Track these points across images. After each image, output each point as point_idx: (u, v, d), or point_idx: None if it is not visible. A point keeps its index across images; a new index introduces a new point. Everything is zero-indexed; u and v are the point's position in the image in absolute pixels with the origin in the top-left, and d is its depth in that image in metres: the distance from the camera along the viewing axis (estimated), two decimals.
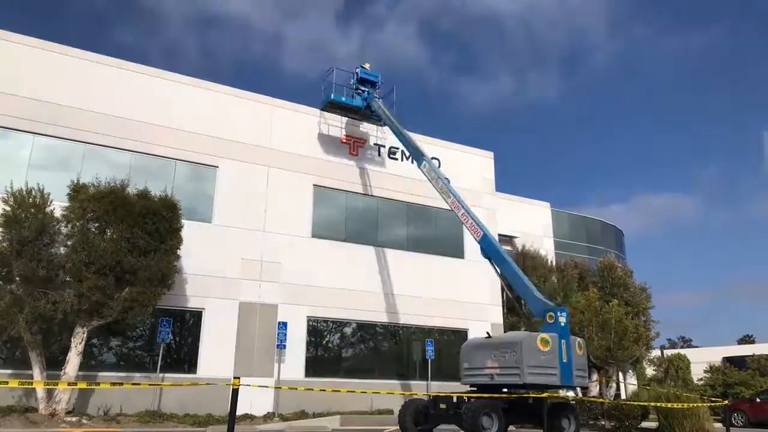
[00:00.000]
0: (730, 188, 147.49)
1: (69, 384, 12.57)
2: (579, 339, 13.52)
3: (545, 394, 12.21)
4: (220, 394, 15.54)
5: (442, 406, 13.23)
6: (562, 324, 12.73)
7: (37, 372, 13.65)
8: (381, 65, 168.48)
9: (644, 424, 19.03)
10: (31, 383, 13.09)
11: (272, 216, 19.30)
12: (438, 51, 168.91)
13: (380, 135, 22.38)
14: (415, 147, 18.29)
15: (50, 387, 13.45)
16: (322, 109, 20.79)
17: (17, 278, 13.32)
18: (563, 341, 12.52)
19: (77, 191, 14.22)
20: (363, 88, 20.45)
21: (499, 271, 14.99)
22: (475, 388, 13.50)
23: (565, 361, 12.37)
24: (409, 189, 22.37)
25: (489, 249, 15.17)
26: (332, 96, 20.34)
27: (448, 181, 17.48)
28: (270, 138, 20.04)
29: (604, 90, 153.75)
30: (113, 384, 13.33)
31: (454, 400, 13.09)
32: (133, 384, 15.10)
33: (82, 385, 11.48)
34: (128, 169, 17.01)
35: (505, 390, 12.91)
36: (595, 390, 22.68)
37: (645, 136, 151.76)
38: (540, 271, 26.00)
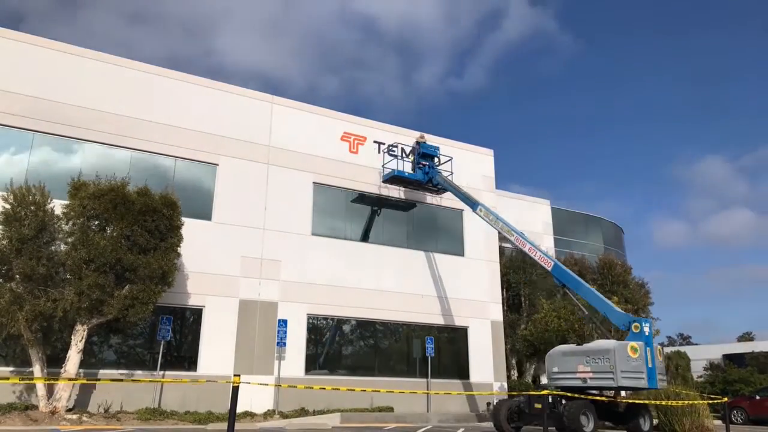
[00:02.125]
0: None
1: (69, 380, 12.58)
2: (659, 346, 14.59)
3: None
4: (221, 391, 15.60)
5: (538, 405, 14.04)
6: (647, 333, 14.10)
7: (37, 369, 13.67)
8: None
9: None
10: (32, 379, 13.12)
11: (272, 214, 19.30)
12: None
13: (379, 133, 22.38)
14: (470, 198, 19.74)
15: (51, 382, 13.47)
16: (384, 182, 21.26)
17: (17, 276, 13.31)
18: (648, 349, 13.92)
19: (77, 189, 14.20)
20: (424, 162, 21.30)
21: (575, 293, 15.99)
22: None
23: (650, 366, 13.79)
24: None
25: (563, 276, 16.10)
26: (395, 171, 20.89)
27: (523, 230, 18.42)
28: (270, 135, 20.03)
29: None
30: (113, 380, 13.35)
31: (550, 400, 13.95)
32: (133, 380, 15.11)
33: (83, 381, 11.49)
34: (128, 167, 17.03)
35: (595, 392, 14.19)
36: None
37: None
38: (540, 268, 26.01)
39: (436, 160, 21.76)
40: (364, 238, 21.25)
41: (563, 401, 13.66)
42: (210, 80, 19.75)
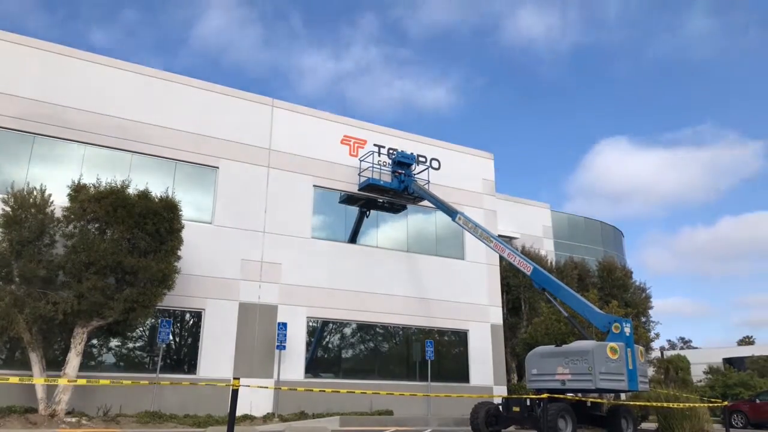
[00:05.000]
0: None
1: (69, 381, 12.57)
2: (641, 347, 14.35)
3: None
4: (220, 394, 15.64)
5: (516, 408, 14.12)
6: (627, 334, 13.82)
7: (36, 372, 13.64)
8: None
9: (644, 425, 19.10)
10: (31, 379, 13.11)
11: (272, 217, 19.31)
12: None
13: (379, 137, 22.41)
14: (448, 207, 19.76)
15: (50, 382, 13.47)
16: (360, 190, 21.12)
17: (17, 279, 13.32)
18: (629, 350, 13.64)
19: (77, 192, 14.22)
20: (400, 171, 21.35)
21: (554, 296, 15.82)
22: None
23: (631, 367, 13.46)
24: None
25: (541, 280, 15.96)
26: (370, 179, 20.83)
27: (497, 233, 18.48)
28: (270, 138, 20.06)
29: None
30: (113, 381, 13.34)
31: (528, 403, 13.89)
32: (132, 382, 15.08)
33: (82, 382, 11.48)
34: (128, 170, 17.04)
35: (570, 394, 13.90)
36: None
37: None
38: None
39: (413, 167, 21.72)
40: (365, 241, 21.23)
41: (541, 404, 13.29)
42: (211, 83, 19.76)
